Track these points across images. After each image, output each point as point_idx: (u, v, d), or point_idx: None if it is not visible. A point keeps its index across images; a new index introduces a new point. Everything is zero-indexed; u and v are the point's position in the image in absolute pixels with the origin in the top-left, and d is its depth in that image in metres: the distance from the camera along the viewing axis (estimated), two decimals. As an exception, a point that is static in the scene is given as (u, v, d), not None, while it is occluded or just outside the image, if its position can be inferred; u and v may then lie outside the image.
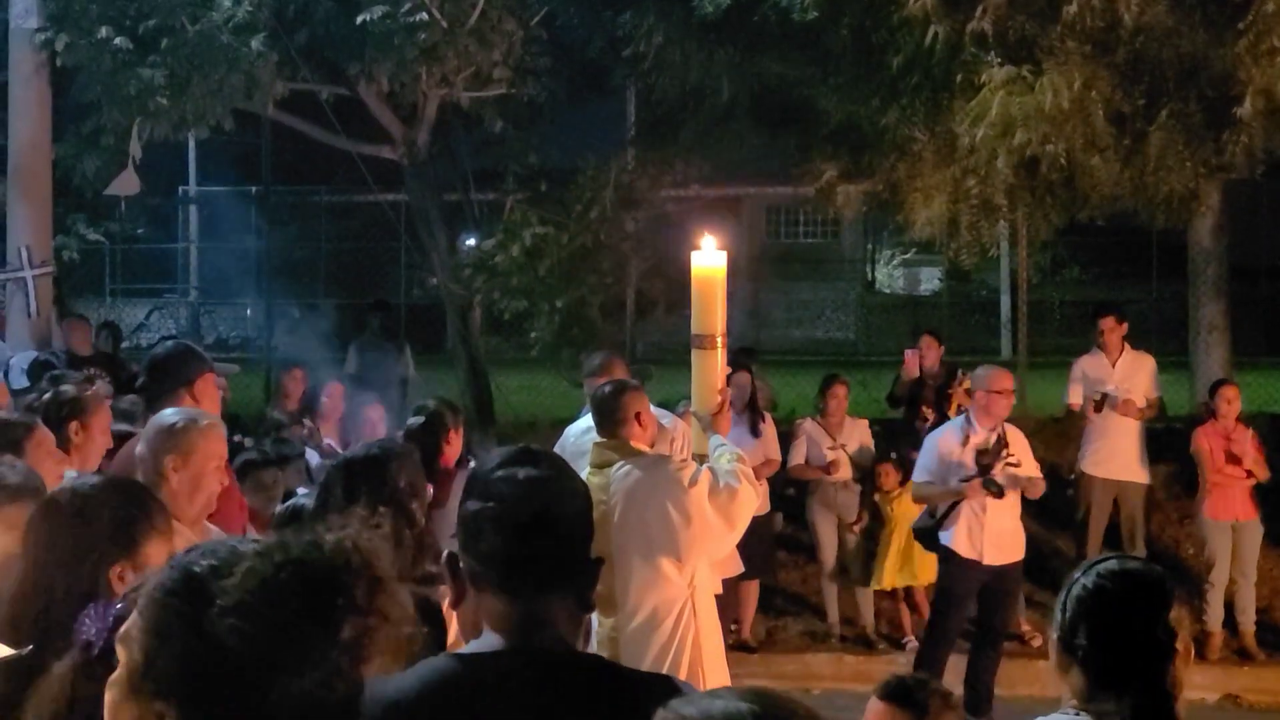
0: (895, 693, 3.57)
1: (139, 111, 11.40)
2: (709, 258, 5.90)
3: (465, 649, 2.52)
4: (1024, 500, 8.63)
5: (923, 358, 10.83)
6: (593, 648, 5.74)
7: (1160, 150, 10.04)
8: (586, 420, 7.36)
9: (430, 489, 4.71)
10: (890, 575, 9.97)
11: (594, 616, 5.80)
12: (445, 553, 2.53)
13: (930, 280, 30.93)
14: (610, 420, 6.09)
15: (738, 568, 8.29)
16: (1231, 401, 9.99)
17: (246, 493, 6.25)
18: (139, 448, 4.61)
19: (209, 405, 5.32)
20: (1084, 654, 2.79)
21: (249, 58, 11.21)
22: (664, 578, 5.97)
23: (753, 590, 9.95)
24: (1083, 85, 9.79)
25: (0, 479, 3.68)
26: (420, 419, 6.52)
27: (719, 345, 5.89)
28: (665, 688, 2.50)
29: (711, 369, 5.93)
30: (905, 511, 10.04)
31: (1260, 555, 10.08)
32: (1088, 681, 2.79)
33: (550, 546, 2.47)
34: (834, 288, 29.21)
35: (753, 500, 6.04)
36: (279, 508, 5.17)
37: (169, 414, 4.68)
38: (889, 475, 10.07)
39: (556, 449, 7.05)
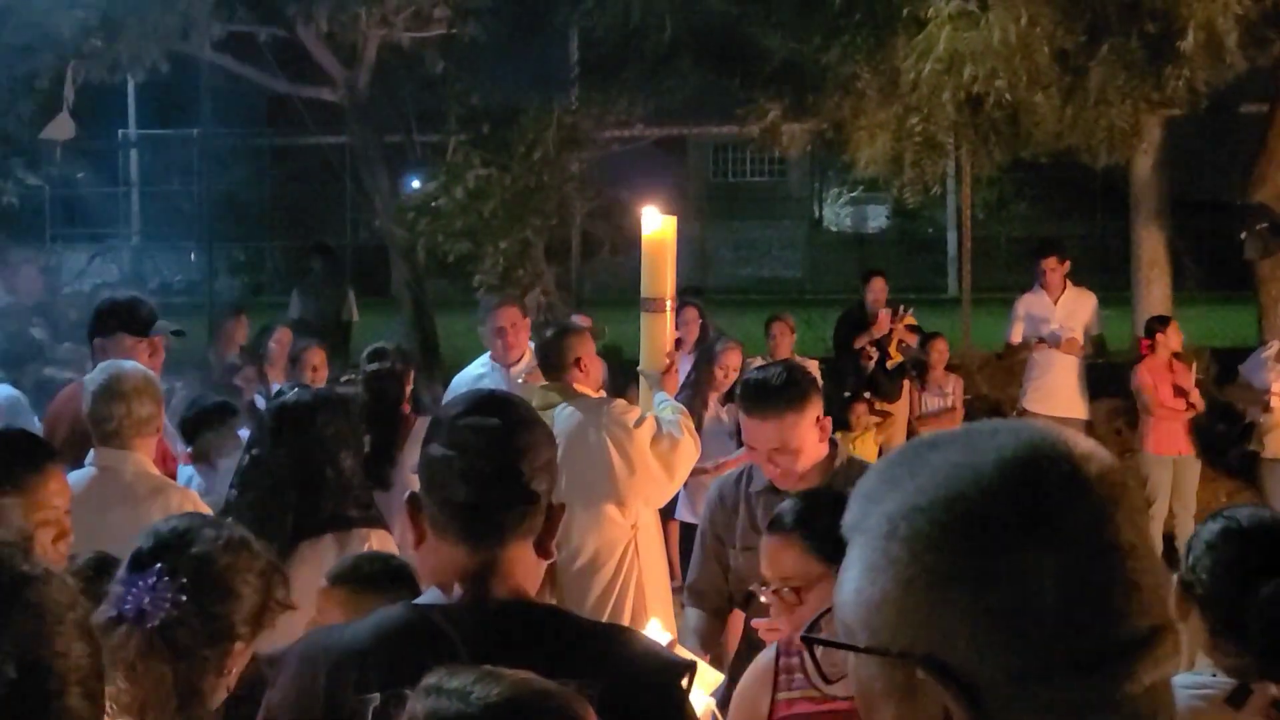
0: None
1: (73, 54, 11.20)
2: (658, 223, 5.94)
3: (421, 599, 2.50)
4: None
5: (874, 300, 10.87)
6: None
7: (1101, 86, 10.04)
8: (477, 367, 7.36)
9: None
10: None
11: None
12: (408, 494, 2.50)
13: (878, 218, 30.93)
14: (554, 363, 6.08)
15: None
16: (1167, 336, 10.06)
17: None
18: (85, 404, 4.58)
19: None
20: (1204, 598, 2.73)
21: (184, -1, 11.05)
22: (607, 519, 5.97)
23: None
24: (1028, 21, 9.77)
25: None
26: (386, 364, 6.45)
27: (668, 309, 6.03)
28: (618, 637, 2.55)
29: (661, 331, 6.04)
30: (866, 451, 10.10)
31: (1199, 487, 10.20)
32: (1210, 626, 2.74)
33: (513, 498, 2.43)
34: (781, 226, 29.18)
35: (693, 452, 6.06)
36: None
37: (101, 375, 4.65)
38: (861, 415, 10.12)
39: (447, 397, 7.05)
